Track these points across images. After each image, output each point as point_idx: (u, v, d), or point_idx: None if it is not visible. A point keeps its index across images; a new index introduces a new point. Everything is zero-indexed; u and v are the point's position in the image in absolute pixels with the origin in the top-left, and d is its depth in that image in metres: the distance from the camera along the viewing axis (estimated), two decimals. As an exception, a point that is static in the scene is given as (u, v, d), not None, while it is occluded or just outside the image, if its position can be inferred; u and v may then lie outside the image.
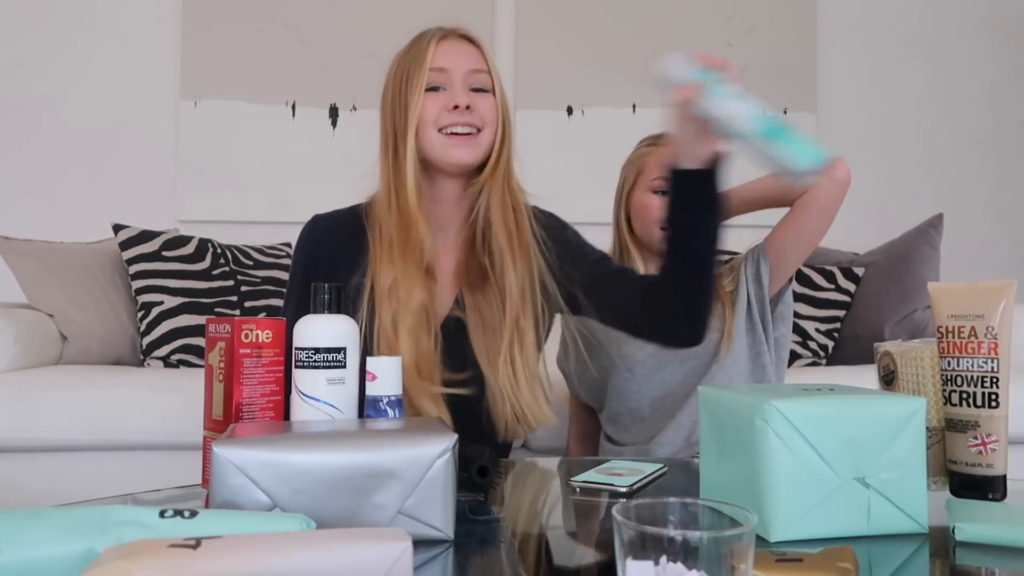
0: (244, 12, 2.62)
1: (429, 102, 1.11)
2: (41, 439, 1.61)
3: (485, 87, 1.14)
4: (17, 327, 1.81)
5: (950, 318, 0.86)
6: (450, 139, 1.11)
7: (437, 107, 1.11)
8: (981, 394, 0.83)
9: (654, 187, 1.38)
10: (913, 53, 2.79)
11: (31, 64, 2.60)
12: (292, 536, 0.53)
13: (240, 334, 0.87)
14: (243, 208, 2.58)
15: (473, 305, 1.14)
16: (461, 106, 1.10)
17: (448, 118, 1.11)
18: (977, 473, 0.82)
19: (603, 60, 2.68)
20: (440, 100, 1.11)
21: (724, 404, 0.77)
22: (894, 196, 2.73)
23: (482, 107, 1.12)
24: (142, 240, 2.08)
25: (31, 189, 2.58)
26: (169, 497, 0.89)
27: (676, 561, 0.43)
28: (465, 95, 1.11)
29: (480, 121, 1.12)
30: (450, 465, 0.67)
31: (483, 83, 1.14)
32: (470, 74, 1.13)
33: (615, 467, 1.00)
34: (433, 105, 1.11)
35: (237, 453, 0.64)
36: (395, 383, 0.87)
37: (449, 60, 1.13)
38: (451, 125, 1.11)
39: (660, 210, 1.20)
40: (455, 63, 1.13)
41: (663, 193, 1.18)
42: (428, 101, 1.11)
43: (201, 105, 2.60)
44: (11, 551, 0.54)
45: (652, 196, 1.38)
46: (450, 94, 1.11)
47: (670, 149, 1.05)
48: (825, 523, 0.69)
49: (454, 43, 1.15)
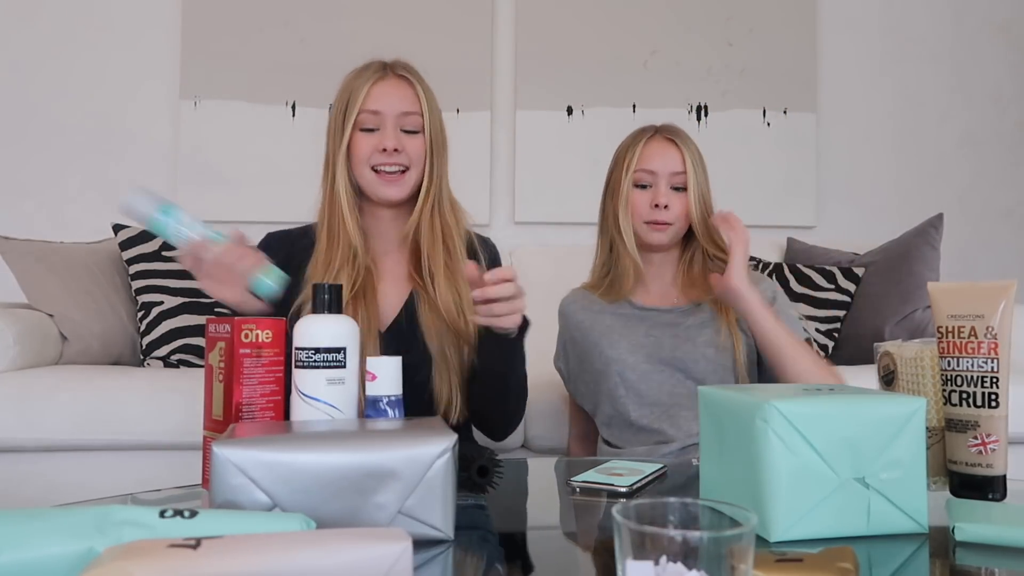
0: (244, 12, 2.62)
1: (362, 142, 1.24)
2: (41, 439, 1.61)
3: (416, 128, 1.25)
4: (17, 327, 1.81)
5: (950, 318, 0.86)
6: (379, 177, 1.24)
7: (369, 148, 1.23)
8: (981, 394, 0.83)
9: (635, 180, 1.39)
10: (913, 53, 2.79)
11: (31, 64, 2.60)
12: (292, 536, 0.53)
13: (240, 334, 0.87)
14: (243, 208, 2.57)
15: (427, 299, 1.25)
16: (389, 149, 1.22)
17: (378, 159, 1.23)
18: (977, 473, 0.82)
19: (603, 60, 2.68)
20: (372, 141, 1.23)
21: (724, 404, 0.77)
22: (894, 196, 2.73)
23: (410, 148, 1.24)
24: (142, 240, 2.08)
25: (31, 189, 2.58)
26: (169, 497, 0.89)
27: (676, 561, 0.43)
28: (394, 138, 1.23)
29: (408, 161, 1.24)
30: (450, 465, 0.67)
31: (414, 125, 1.25)
32: (401, 116, 1.24)
33: (615, 467, 1.00)
34: (366, 145, 1.23)
35: (237, 453, 0.64)
36: (395, 383, 0.87)
37: (383, 103, 1.23)
38: (381, 164, 1.23)
39: (640, 204, 1.38)
40: (388, 106, 1.23)
41: (641, 187, 1.39)
42: (362, 141, 1.24)
43: (201, 105, 2.60)
44: (11, 551, 0.54)
45: (634, 190, 1.39)
46: (381, 136, 1.23)
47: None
48: (825, 523, 0.69)
49: (390, 84, 1.25)
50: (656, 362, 1.36)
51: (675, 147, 1.39)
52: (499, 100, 2.68)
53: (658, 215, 1.36)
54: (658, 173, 1.37)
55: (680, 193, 1.38)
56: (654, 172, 1.37)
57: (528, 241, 2.61)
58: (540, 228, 2.66)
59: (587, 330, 1.43)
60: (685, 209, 1.38)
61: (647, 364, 1.36)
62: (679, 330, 1.38)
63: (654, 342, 1.38)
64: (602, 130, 2.64)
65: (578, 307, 1.47)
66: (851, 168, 2.73)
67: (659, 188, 1.37)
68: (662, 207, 1.36)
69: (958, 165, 2.79)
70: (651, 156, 1.39)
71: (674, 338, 1.37)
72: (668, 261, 1.44)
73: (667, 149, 1.39)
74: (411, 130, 1.24)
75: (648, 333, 1.39)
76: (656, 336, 1.38)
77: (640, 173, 1.38)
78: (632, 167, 1.39)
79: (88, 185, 2.60)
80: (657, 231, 1.37)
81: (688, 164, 1.37)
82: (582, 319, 1.45)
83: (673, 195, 1.37)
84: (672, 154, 1.38)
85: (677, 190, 1.38)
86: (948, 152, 2.79)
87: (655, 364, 1.36)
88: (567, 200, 2.64)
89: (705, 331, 1.36)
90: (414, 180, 1.25)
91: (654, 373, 1.35)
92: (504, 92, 2.68)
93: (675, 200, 1.37)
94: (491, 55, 2.67)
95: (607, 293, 1.44)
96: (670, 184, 1.37)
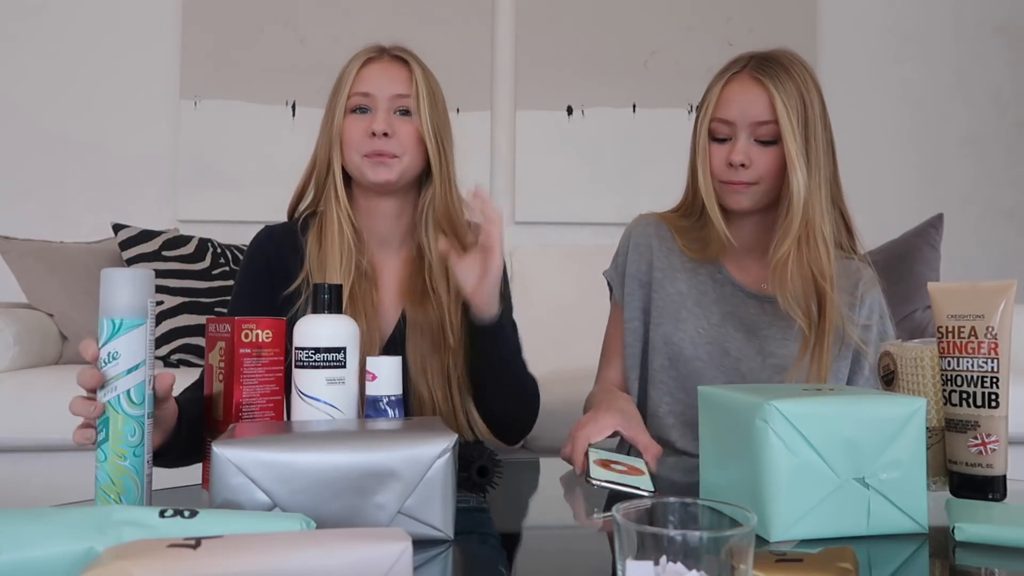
0: (244, 12, 2.62)
1: (352, 124, 1.13)
2: (41, 439, 1.61)
3: (409, 109, 1.14)
4: (17, 327, 1.81)
5: (950, 318, 0.86)
6: (368, 159, 1.12)
7: (359, 132, 1.13)
8: (981, 394, 0.83)
9: (712, 132, 1.13)
10: (913, 53, 2.79)
11: (31, 64, 2.60)
12: (292, 536, 0.53)
13: (240, 334, 0.87)
14: (243, 208, 2.58)
15: (414, 322, 1.15)
16: (378, 132, 1.11)
17: (368, 144, 1.12)
18: (977, 473, 0.82)
19: (603, 60, 2.68)
20: (362, 124, 1.13)
21: (724, 404, 0.77)
22: (894, 196, 2.73)
23: (402, 132, 1.13)
24: (142, 240, 2.08)
25: (31, 189, 2.58)
26: (169, 497, 0.88)
27: (676, 561, 0.43)
28: (385, 121, 1.12)
29: (399, 148, 1.13)
30: (450, 465, 0.67)
31: (407, 106, 1.14)
32: (394, 98, 1.14)
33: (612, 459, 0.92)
34: (356, 129, 1.13)
35: (237, 453, 0.64)
36: (395, 383, 0.87)
37: (374, 84, 1.14)
38: (371, 152, 1.12)
39: (715, 158, 1.12)
40: (379, 87, 1.14)
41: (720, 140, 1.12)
42: (351, 123, 1.13)
43: (201, 105, 2.60)
44: (11, 551, 0.54)
45: (712, 143, 1.13)
46: (371, 118, 1.13)
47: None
48: (825, 523, 0.69)
49: (383, 65, 1.16)
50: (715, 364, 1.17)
51: (762, 88, 1.08)
52: (499, 100, 2.68)
53: (735, 175, 1.10)
54: (736, 123, 1.10)
55: (769, 148, 1.09)
56: (731, 122, 1.10)
57: (528, 241, 2.61)
58: (540, 228, 2.66)
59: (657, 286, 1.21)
60: (774, 166, 1.09)
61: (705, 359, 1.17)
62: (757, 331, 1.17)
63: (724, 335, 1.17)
64: (602, 130, 2.64)
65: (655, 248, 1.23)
66: (851, 168, 2.72)
67: (738, 141, 1.10)
68: (737, 165, 1.09)
69: (958, 165, 2.79)
70: (730, 101, 1.10)
71: (747, 341, 1.17)
72: (763, 228, 1.16)
73: (750, 90, 1.09)
74: (404, 111, 1.14)
75: (723, 321, 1.18)
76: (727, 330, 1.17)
77: (716, 123, 1.11)
78: (708, 113, 1.12)
79: (88, 185, 2.60)
80: (735, 191, 1.11)
81: (780, 110, 1.07)
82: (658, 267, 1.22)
83: (757, 150, 1.09)
84: (755, 98, 1.08)
85: (764, 144, 1.09)
86: (948, 152, 2.79)
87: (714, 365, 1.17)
88: (567, 200, 2.64)
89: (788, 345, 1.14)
90: (407, 165, 1.14)
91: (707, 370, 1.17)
92: (504, 92, 2.68)
93: (760, 156, 1.09)
94: (491, 55, 2.67)
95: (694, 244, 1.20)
96: (753, 136, 1.09)
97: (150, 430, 0.74)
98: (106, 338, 0.72)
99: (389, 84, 1.14)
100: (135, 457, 0.72)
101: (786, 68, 1.10)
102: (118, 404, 0.72)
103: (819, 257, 1.08)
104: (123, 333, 0.72)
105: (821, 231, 1.08)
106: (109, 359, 0.72)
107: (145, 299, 0.73)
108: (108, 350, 0.72)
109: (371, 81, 1.14)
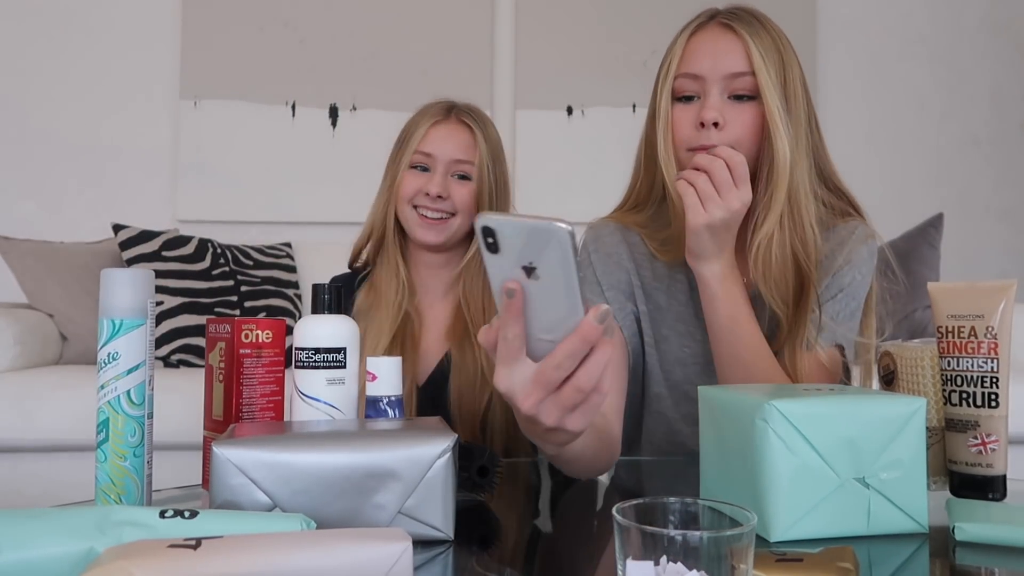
0: (244, 12, 2.62)
1: (410, 179, 1.20)
2: (41, 439, 1.61)
3: (468, 175, 1.21)
4: (17, 327, 1.81)
5: (950, 318, 0.86)
6: (420, 220, 1.20)
7: (415, 188, 1.20)
8: (981, 394, 0.83)
9: (676, 91, 0.95)
10: (913, 53, 2.79)
11: (31, 64, 2.60)
12: (292, 536, 0.53)
13: (240, 334, 0.87)
14: (243, 208, 2.58)
15: (458, 363, 1.19)
16: (432, 194, 1.18)
17: (422, 201, 1.20)
18: (977, 473, 0.82)
19: (603, 60, 2.68)
20: (419, 182, 1.20)
21: (724, 404, 0.77)
22: (894, 196, 2.73)
23: (457, 195, 1.20)
24: (142, 240, 2.08)
25: (31, 189, 2.58)
26: (169, 497, 0.88)
27: (676, 561, 0.42)
28: (441, 184, 1.19)
29: (452, 208, 1.20)
30: (450, 465, 0.67)
31: (466, 172, 1.21)
32: (454, 163, 1.21)
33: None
34: (412, 184, 1.20)
35: (237, 453, 0.64)
36: (395, 383, 0.87)
37: (437, 146, 1.20)
38: (424, 208, 1.20)
39: (681, 122, 0.93)
40: (442, 150, 1.20)
41: (685, 99, 0.94)
42: (409, 178, 1.20)
43: (201, 105, 2.60)
44: (11, 551, 0.54)
45: (675, 104, 0.95)
46: (429, 178, 1.20)
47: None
48: (825, 523, 0.69)
49: (449, 128, 1.21)
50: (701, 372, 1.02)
51: (735, 35, 0.93)
52: (499, 100, 2.68)
53: (705, 137, 0.90)
54: (706, 78, 0.92)
55: (745, 104, 0.92)
56: (700, 76, 0.93)
57: (528, 241, 2.61)
58: (540, 228, 2.66)
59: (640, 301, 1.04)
60: (752, 125, 0.91)
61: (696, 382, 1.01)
62: None
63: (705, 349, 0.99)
64: (602, 130, 2.64)
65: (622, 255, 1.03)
66: (851, 168, 2.72)
67: (709, 97, 0.92)
68: (709, 125, 0.90)
69: (958, 165, 2.79)
70: (697, 52, 0.94)
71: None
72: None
73: (720, 38, 0.93)
74: (463, 176, 1.21)
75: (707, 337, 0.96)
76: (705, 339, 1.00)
77: (682, 80, 0.94)
78: (672, 71, 0.94)
79: (88, 185, 2.60)
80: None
81: (757, 60, 0.91)
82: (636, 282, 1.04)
83: (731, 107, 0.92)
84: (728, 46, 0.92)
85: (739, 99, 0.92)
86: (948, 152, 2.79)
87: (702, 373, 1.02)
88: (567, 200, 2.64)
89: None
90: (458, 226, 1.21)
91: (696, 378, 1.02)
92: (504, 92, 2.68)
93: (736, 114, 0.91)
94: (491, 55, 2.67)
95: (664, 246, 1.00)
96: (726, 92, 0.92)
97: (150, 430, 0.74)
98: (106, 339, 0.72)
99: (452, 148, 1.20)
100: (135, 457, 0.72)
101: (760, 21, 0.96)
102: (118, 404, 0.71)
103: (804, 237, 0.93)
104: (123, 333, 0.72)
105: (807, 208, 0.93)
106: (109, 359, 0.71)
107: (145, 299, 0.73)
108: (108, 351, 0.72)
109: (435, 143, 1.20)
